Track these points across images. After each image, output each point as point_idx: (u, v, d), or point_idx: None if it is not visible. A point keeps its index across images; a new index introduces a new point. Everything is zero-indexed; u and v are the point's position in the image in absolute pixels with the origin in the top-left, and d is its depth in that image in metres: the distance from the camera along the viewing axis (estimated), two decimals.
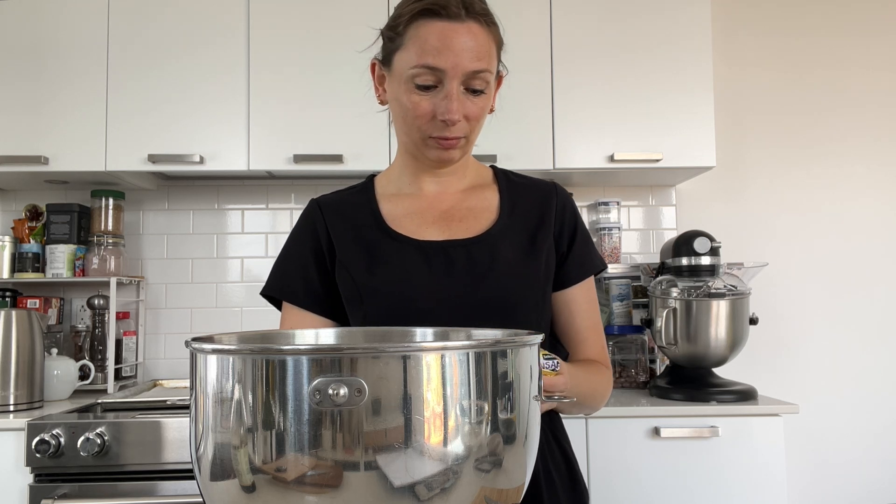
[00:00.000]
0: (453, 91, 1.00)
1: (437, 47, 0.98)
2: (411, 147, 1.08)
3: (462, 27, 0.99)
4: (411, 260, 1.07)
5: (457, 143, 1.04)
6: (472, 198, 1.14)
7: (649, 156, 2.24)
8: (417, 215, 1.11)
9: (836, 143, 2.66)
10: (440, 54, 0.98)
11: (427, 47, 0.99)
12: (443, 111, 1.00)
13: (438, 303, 1.03)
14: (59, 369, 2.19)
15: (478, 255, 1.07)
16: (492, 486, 0.62)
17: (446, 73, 0.99)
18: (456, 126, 1.02)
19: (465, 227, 1.11)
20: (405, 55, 1.01)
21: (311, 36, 2.26)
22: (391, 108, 1.09)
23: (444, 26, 0.99)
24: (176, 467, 1.80)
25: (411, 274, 1.06)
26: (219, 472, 0.61)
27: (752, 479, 1.91)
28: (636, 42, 2.28)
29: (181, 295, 2.57)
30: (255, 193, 2.60)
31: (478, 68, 1.00)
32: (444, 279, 1.05)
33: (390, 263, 1.07)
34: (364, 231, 1.11)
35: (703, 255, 2.07)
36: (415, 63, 1.00)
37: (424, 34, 0.99)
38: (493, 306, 1.04)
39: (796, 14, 2.68)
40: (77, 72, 2.24)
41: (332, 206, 1.15)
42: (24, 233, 2.47)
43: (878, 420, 2.58)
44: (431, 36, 0.99)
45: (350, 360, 0.57)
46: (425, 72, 0.99)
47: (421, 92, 1.01)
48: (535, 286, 1.08)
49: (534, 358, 0.69)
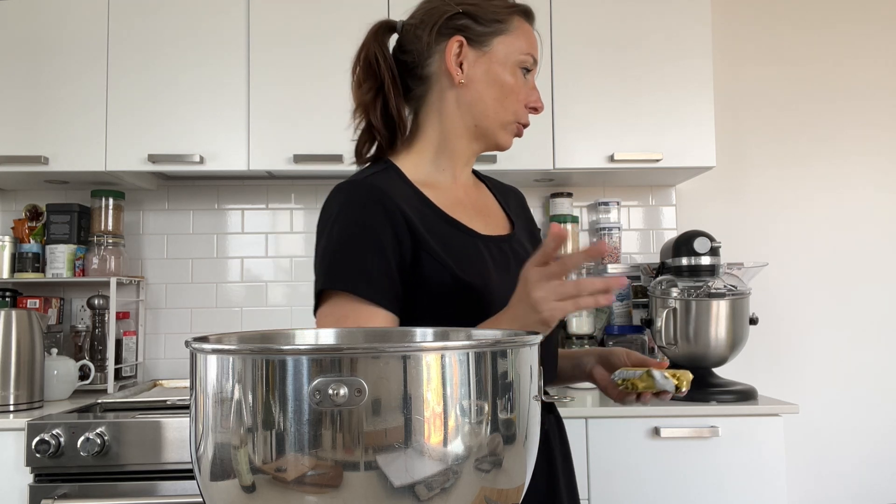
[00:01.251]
0: (535, 84, 1.14)
1: (534, 45, 1.13)
2: (489, 126, 1.11)
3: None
4: (483, 254, 1.07)
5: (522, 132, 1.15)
6: (480, 194, 1.19)
7: (649, 156, 2.24)
8: (460, 206, 1.11)
9: (836, 142, 2.66)
10: (535, 48, 1.13)
11: (532, 42, 1.12)
12: (535, 99, 1.12)
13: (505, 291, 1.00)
14: (59, 369, 2.19)
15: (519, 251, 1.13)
16: (492, 486, 0.62)
17: (536, 68, 1.13)
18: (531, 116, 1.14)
19: (494, 222, 1.15)
20: (514, 41, 1.10)
21: (312, 36, 2.26)
22: (473, 88, 1.09)
23: (533, 31, 1.15)
24: (176, 467, 1.80)
25: (488, 268, 1.06)
26: (219, 472, 0.61)
27: (752, 479, 1.91)
28: (636, 42, 2.28)
29: (181, 295, 2.57)
30: (255, 193, 2.61)
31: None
32: (505, 274, 1.07)
33: (462, 250, 1.05)
34: (426, 218, 1.05)
35: (703, 255, 2.07)
36: (526, 50, 1.10)
37: (527, 30, 1.13)
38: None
39: (796, 14, 2.68)
40: (77, 72, 2.24)
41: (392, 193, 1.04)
42: (24, 233, 2.48)
43: (878, 420, 2.58)
44: (531, 35, 1.13)
45: (350, 360, 0.57)
46: (531, 60, 1.11)
47: (521, 77, 1.11)
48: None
49: (534, 358, 0.69)
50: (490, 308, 1.00)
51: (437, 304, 1.02)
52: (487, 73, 1.08)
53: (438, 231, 1.04)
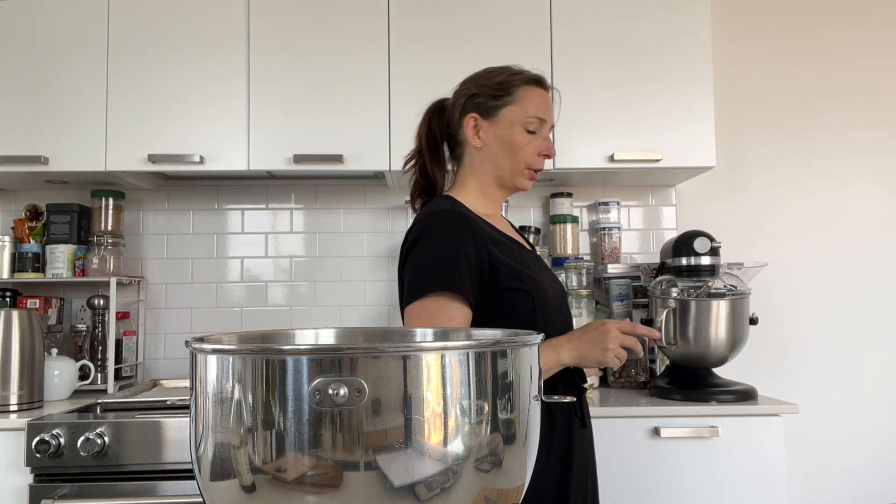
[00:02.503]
0: (548, 136, 1.44)
1: (543, 106, 1.42)
2: (507, 177, 1.42)
3: (549, 95, 1.46)
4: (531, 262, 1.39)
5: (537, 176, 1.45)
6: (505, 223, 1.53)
7: (649, 156, 2.24)
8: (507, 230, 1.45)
9: (836, 142, 2.66)
10: (545, 110, 1.42)
11: (539, 104, 1.41)
12: (547, 148, 1.42)
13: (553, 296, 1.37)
14: (59, 369, 2.19)
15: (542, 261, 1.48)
16: (492, 486, 0.62)
17: (546, 124, 1.42)
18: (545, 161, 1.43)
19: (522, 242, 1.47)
20: (519, 109, 1.40)
21: (312, 36, 2.26)
22: (489, 149, 1.41)
23: (545, 94, 1.44)
24: (176, 467, 1.80)
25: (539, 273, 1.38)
26: (219, 472, 0.61)
27: (752, 479, 1.91)
28: (636, 42, 2.28)
29: (181, 295, 2.57)
30: (255, 193, 2.61)
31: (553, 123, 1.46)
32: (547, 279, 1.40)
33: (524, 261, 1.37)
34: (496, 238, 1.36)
35: (703, 255, 2.07)
36: (531, 114, 1.39)
37: (534, 95, 1.41)
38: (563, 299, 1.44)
39: (796, 14, 2.68)
40: (77, 72, 2.24)
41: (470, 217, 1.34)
42: (24, 233, 2.47)
43: (878, 420, 2.58)
44: (539, 98, 1.42)
45: (350, 360, 0.57)
46: (537, 121, 1.40)
47: (529, 134, 1.40)
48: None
49: (534, 358, 0.69)
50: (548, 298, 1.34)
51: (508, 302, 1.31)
52: (497, 136, 1.40)
53: (503, 244, 1.36)
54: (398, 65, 2.25)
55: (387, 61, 2.25)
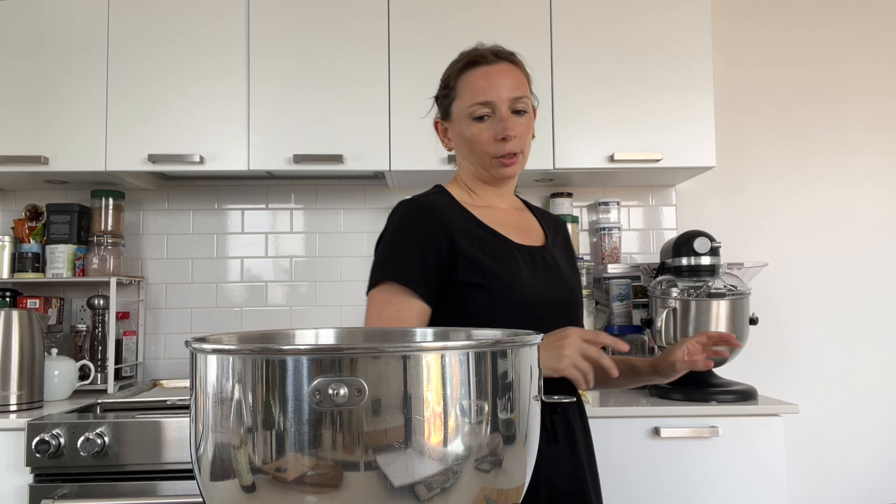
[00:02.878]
0: (504, 114, 1.29)
1: (484, 86, 1.29)
2: (482, 171, 1.34)
3: (498, 67, 1.31)
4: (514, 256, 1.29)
5: (515, 159, 1.31)
6: (524, 216, 1.42)
7: (649, 156, 2.24)
8: (501, 223, 1.34)
9: (836, 142, 2.66)
10: (487, 91, 1.29)
11: (477, 88, 1.29)
12: (500, 131, 1.28)
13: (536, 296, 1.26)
14: (59, 369, 2.19)
15: (549, 260, 1.34)
16: (492, 486, 0.62)
17: (495, 104, 1.28)
18: (512, 142, 1.29)
19: (531, 237, 1.37)
20: (461, 101, 1.31)
21: (312, 36, 2.26)
22: (456, 148, 1.36)
23: (484, 70, 1.30)
24: (176, 467, 1.80)
25: (518, 267, 1.28)
26: (219, 472, 0.61)
27: (752, 479, 1.91)
28: (636, 42, 2.28)
29: (181, 295, 2.57)
30: (255, 193, 2.61)
31: (517, 94, 1.30)
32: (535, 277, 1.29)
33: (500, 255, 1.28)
34: (471, 229, 1.30)
35: (703, 255, 2.07)
36: (471, 103, 1.29)
37: (472, 79, 1.30)
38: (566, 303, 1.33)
39: (796, 14, 2.68)
40: (77, 72, 2.24)
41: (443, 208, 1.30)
42: (24, 233, 2.47)
43: (878, 420, 2.58)
44: (478, 79, 1.30)
45: (350, 360, 0.57)
46: (480, 107, 1.29)
47: (479, 122, 1.30)
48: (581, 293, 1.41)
49: (534, 358, 0.69)
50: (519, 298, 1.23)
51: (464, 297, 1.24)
52: (457, 136, 1.34)
53: (479, 237, 1.29)
54: (398, 65, 2.25)
55: (387, 61, 2.25)
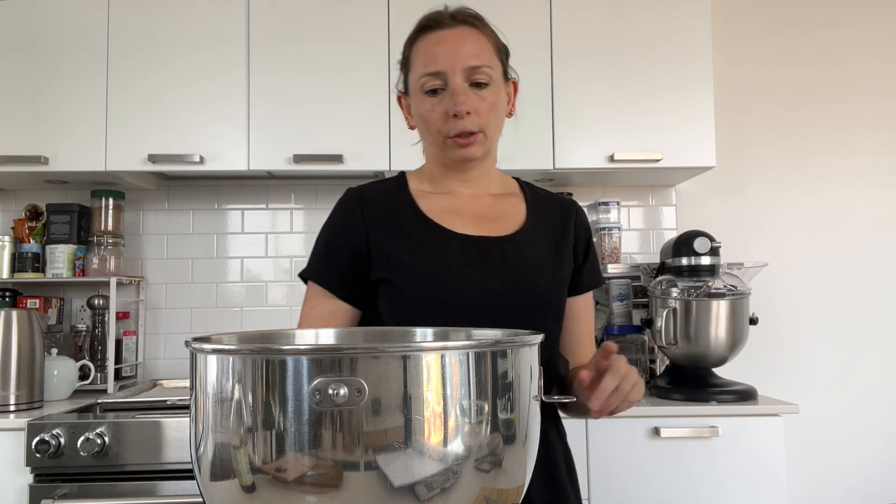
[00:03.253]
0: (457, 86, 1.10)
1: (434, 54, 1.11)
2: (439, 153, 1.17)
3: (453, 32, 1.13)
4: (447, 248, 1.12)
5: (473, 138, 1.12)
6: (502, 203, 1.22)
7: (649, 156, 2.24)
8: (452, 212, 1.17)
9: (836, 142, 2.66)
10: (437, 59, 1.11)
11: (427, 57, 1.12)
12: (450, 105, 1.10)
13: (471, 294, 1.09)
14: (59, 369, 2.19)
15: (510, 253, 1.14)
16: (492, 486, 0.62)
17: (447, 74, 1.10)
18: (467, 119, 1.10)
19: (497, 227, 1.17)
20: (414, 73, 1.14)
21: (312, 35, 2.26)
22: (417, 126, 1.19)
23: (438, 35, 1.13)
24: (176, 467, 1.80)
25: (447, 261, 1.11)
26: (219, 472, 0.61)
27: (752, 479, 1.91)
28: (636, 41, 2.28)
29: (181, 295, 2.57)
30: (255, 193, 2.60)
31: (475, 63, 1.11)
32: (477, 272, 1.11)
33: (427, 247, 1.12)
34: (402, 220, 1.16)
35: (703, 255, 2.07)
36: (421, 73, 1.12)
37: (423, 47, 1.14)
38: (521, 303, 1.11)
39: (796, 14, 2.68)
40: (77, 72, 2.24)
41: (371, 196, 1.19)
42: (24, 233, 2.47)
43: (878, 420, 2.58)
44: (429, 46, 1.13)
45: (350, 360, 0.57)
46: (430, 78, 1.11)
47: (431, 97, 1.12)
48: (559, 289, 1.17)
49: (534, 358, 0.69)
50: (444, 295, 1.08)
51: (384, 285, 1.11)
52: (415, 112, 1.17)
53: (407, 229, 1.15)
54: (398, 65, 2.25)
55: (387, 61, 2.25)
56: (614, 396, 0.98)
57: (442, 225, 1.15)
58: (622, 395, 0.97)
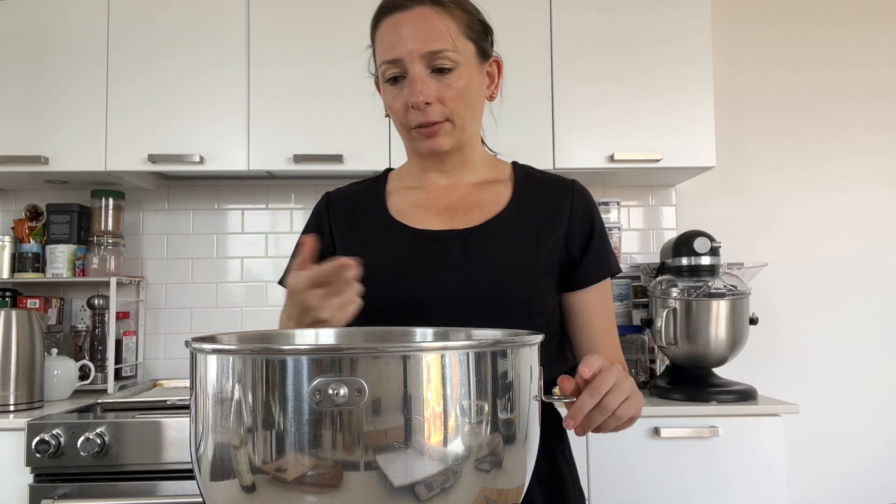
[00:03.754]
0: (415, 74, 1.01)
1: (391, 40, 1.03)
2: (407, 145, 1.11)
3: (410, 14, 1.02)
4: (406, 248, 1.07)
5: (438, 128, 1.04)
6: (482, 192, 1.13)
7: (649, 156, 2.24)
8: (422, 207, 1.11)
9: (836, 142, 2.66)
10: (394, 45, 1.02)
11: (385, 43, 1.04)
12: (407, 95, 1.02)
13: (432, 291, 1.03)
14: (59, 369, 2.19)
15: (475, 245, 1.06)
16: (492, 486, 0.62)
17: (404, 61, 1.02)
18: (430, 110, 1.02)
19: (467, 218, 1.09)
20: (378, 60, 1.07)
21: (312, 36, 2.26)
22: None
23: (394, 19, 1.03)
24: (176, 467, 1.80)
25: (406, 261, 1.06)
26: (219, 472, 0.61)
27: (752, 479, 1.91)
28: (636, 42, 2.28)
29: (181, 295, 2.57)
30: (255, 193, 2.60)
31: (434, 48, 1.01)
32: (438, 268, 1.05)
33: (384, 250, 1.08)
34: (365, 221, 1.12)
35: (703, 255, 2.07)
36: (381, 61, 1.05)
37: (382, 32, 1.05)
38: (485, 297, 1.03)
39: (796, 14, 2.68)
40: (77, 72, 2.24)
41: (341, 198, 1.16)
42: (24, 233, 2.47)
43: (878, 419, 2.58)
44: (387, 32, 1.04)
45: (350, 360, 0.57)
46: (389, 66, 1.03)
47: (393, 86, 1.05)
48: (530, 280, 1.05)
49: (534, 358, 0.69)
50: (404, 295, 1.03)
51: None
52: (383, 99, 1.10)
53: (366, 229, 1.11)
54: None
55: None
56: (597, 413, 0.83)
57: (402, 222, 1.09)
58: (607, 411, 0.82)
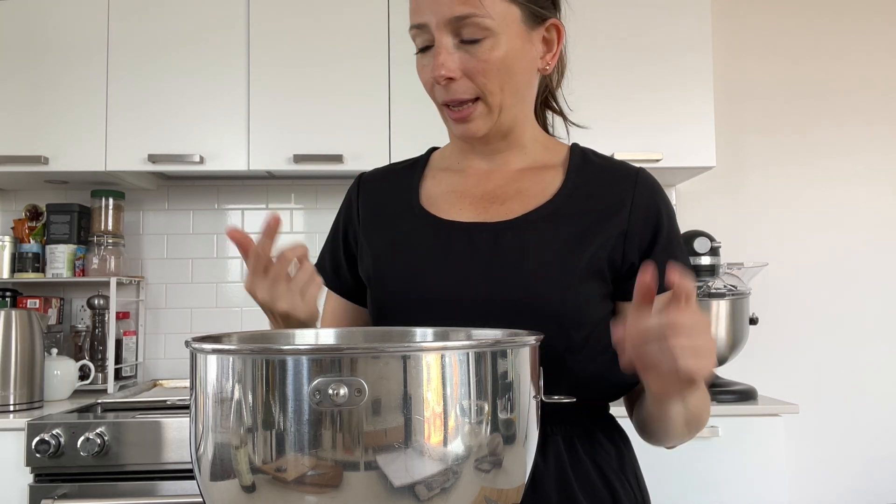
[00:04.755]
0: (439, 44, 0.88)
1: (419, 3, 0.90)
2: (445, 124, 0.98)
3: None
4: (428, 241, 0.94)
5: (470, 111, 0.90)
6: (528, 178, 0.98)
7: (649, 156, 2.24)
8: (456, 194, 0.98)
9: (836, 142, 2.66)
10: (420, 8, 0.90)
11: (412, 5, 0.91)
12: (433, 68, 0.89)
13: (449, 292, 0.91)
14: (59, 369, 2.19)
15: (505, 242, 0.91)
16: (492, 486, 0.62)
17: (429, 26, 0.89)
18: (453, 86, 0.89)
19: (504, 210, 0.94)
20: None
21: (312, 35, 2.26)
22: None
23: None
24: (176, 467, 1.80)
25: (426, 256, 0.93)
26: (219, 472, 0.61)
27: (753, 479, 1.91)
28: (636, 41, 2.28)
29: (181, 295, 2.57)
30: (255, 193, 2.60)
31: (460, 13, 0.86)
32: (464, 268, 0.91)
33: (411, 239, 0.95)
34: (391, 207, 1.00)
35: (703, 255, 2.07)
36: (410, 25, 0.92)
37: None
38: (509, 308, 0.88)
39: (796, 13, 2.68)
40: (77, 71, 2.24)
41: (374, 181, 1.05)
42: (24, 233, 2.47)
43: (879, 420, 2.58)
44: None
45: (350, 360, 0.57)
46: (416, 32, 0.91)
47: (422, 56, 0.92)
48: (565, 287, 0.89)
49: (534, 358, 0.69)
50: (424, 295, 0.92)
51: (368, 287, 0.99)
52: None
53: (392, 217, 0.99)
54: (398, 64, 2.25)
55: (387, 61, 2.25)
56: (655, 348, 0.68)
57: (429, 211, 0.96)
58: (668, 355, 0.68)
